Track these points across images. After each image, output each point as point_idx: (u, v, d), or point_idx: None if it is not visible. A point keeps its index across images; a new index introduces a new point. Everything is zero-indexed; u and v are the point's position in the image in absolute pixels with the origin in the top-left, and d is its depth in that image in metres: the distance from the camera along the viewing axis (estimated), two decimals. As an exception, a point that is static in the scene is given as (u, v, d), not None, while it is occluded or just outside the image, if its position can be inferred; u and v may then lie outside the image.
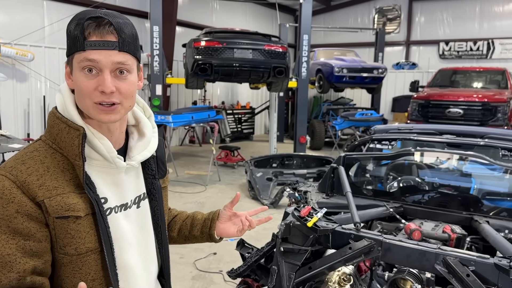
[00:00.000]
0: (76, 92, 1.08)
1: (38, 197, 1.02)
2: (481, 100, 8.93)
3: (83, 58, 1.03)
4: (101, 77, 1.04)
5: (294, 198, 2.88)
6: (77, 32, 1.03)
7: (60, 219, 1.03)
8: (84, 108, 1.08)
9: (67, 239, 1.05)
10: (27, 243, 1.01)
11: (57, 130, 1.08)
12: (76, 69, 1.06)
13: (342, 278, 1.97)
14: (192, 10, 12.97)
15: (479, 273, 1.68)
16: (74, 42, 1.04)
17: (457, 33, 15.18)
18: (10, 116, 8.60)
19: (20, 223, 1.00)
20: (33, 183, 1.02)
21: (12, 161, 1.06)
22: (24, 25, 8.72)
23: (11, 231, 1.00)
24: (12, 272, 0.99)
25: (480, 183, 2.84)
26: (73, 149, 1.05)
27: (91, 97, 1.05)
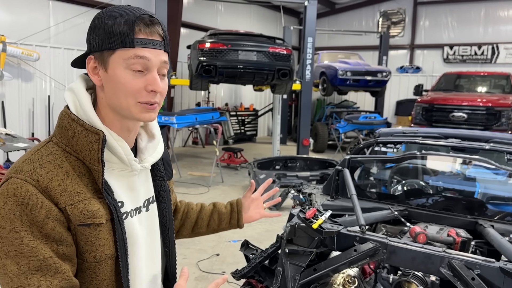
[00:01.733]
0: (113, 90, 1.03)
1: (60, 204, 0.97)
2: (485, 104, 8.92)
3: (132, 55, 1.00)
4: (150, 76, 1.02)
5: (298, 200, 2.88)
6: (124, 28, 0.99)
7: (82, 227, 1.00)
8: (122, 107, 1.04)
9: (87, 246, 1.01)
10: (61, 248, 0.97)
11: (72, 133, 1.02)
12: (119, 66, 1.01)
13: (347, 280, 1.97)
14: (197, 12, 13.01)
15: (484, 277, 1.68)
16: (120, 38, 0.99)
17: (461, 37, 15.16)
18: (15, 115, 8.63)
19: (51, 229, 0.96)
20: (55, 189, 0.97)
21: (28, 164, 0.98)
22: (30, 25, 8.77)
23: (44, 237, 0.95)
24: (59, 273, 0.95)
25: (485, 187, 2.84)
26: (92, 154, 1.01)
27: (136, 96, 1.02)
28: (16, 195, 0.93)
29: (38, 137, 8.65)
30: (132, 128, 1.11)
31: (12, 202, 0.93)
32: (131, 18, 1.00)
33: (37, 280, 0.92)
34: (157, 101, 1.05)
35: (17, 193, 0.94)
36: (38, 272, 0.93)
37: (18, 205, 0.93)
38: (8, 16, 8.55)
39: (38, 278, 0.93)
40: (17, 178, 0.95)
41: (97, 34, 1.02)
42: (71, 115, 1.04)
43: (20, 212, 0.93)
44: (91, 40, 1.04)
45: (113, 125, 1.07)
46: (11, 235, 0.93)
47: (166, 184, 1.26)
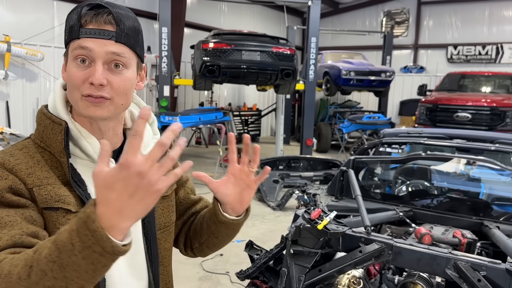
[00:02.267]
0: (67, 85, 1.02)
1: (27, 184, 0.94)
2: (490, 104, 8.88)
3: (76, 45, 0.97)
4: (93, 68, 0.97)
5: (303, 201, 2.88)
6: (74, 20, 0.98)
7: (49, 211, 0.95)
8: (73, 102, 1.01)
9: (54, 232, 0.88)
10: (25, 211, 0.92)
11: (43, 127, 1.03)
12: (69, 59, 1.00)
13: (352, 282, 1.97)
14: (200, 12, 13.02)
15: (490, 279, 1.67)
16: (70, 30, 0.99)
17: (465, 37, 15.11)
18: (19, 115, 8.67)
19: (13, 197, 0.92)
20: (22, 171, 0.95)
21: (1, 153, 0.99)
22: (34, 25, 8.81)
23: (5, 205, 0.92)
24: (14, 230, 0.88)
25: (490, 188, 2.83)
26: (57, 145, 1.00)
27: (80, 89, 0.98)
28: None
29: (42, 136, 8.69)
30: (105, 128, 1.06)
31: None
32: (80, 9, 0.98)
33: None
34: (103, 95, 0.98)
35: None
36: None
37: None
38: (13, 17, 8.59)
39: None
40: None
41: (65, 30, 1.03)
42: (43, 110, 1.05)
43: None
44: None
45: (84, 123, 1.04)
46: None
47: None
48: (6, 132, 5.72)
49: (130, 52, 1.01)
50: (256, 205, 6.84)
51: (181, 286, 1.50)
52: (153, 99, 11.33)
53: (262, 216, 6.28)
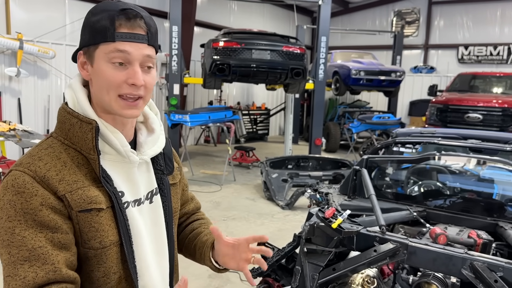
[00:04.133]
0: (98, 84, 1.06)
1: (59, 191, 1.00)
2: (501, 105, 8.79)
3: (113, 48, 1.02)
4: (131, 69, 1.04)
5: (315, 200, 2.88)
6: (106, 22, 1.02)
7: (83, 213, 1.02)
8: (105, 101, 1.06)
9: (92, 232, 1.03)
10: (55, 235, 0.98)
11: (68, 125, 1.06)
12: (101, 60, 1.04)
13: (365, 281, 1.96)
14: (210, 11, 13.04)
15: (507, 279, 1.66)
16: (102, 32, 1.02)
17: (477, 38, 14.96)
18: (30, 112, 8.75)
19: (45, 216, 0.97)
20: (53, 178, 1.00)
21: (27, 157, 1.03)
22: (46, 23, 8.88)
23: (38, 225, 0.97)
24: (47, 264, 0.96)
25: (505, 189, 2.80)
26: (87, 143, 1.04)
27: (118, 89, 1.04)
28: (13, 186, 0.98)
29: (53, 134, 8.76)
30: (126, 121, 1.13)
31: (10, 192, 0.97)
32: (112, 12, 1.02)
33: (24, 271, 0.94)
34: (141, 94, 1.07)
35: (14, 183, 0.98)
36: (26, 262, 0.94)
37: (14, 195, 0.97)
38: (25, 14, 8.66)
39: (25, 268, 0.94)
40: (16, 170, 1.00)
41: (84, 30, 1.07)
42: (67, 109, 1.08)
43: (15, 202, 0.96)
44: (81, 36, 1.08)
45: (107, 118, 1.09)
46: (5, 225, 0.96)
47: (166, 178, 1.26)
48: (18, 129, 5.76)
49: (155, 53, 1.10)
50: (265, 204, 6.84)
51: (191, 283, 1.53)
52: (162, 98, 11.38)
53: (271, 215, 6.28)
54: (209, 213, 6.10)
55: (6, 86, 8.32)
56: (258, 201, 6.98)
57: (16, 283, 0.93)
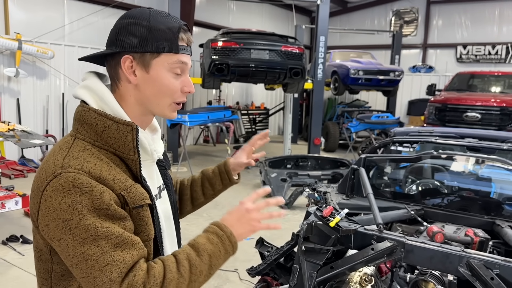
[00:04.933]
0: (152, 90, 1.12)
1: (115, 190, 1.03)
2: (499, 104, 8.82)
3: (176, 60, 1.11)
4: (186, 78, 1.16)
5: (313, 199, 2.89)
6: (170, 35, 1.09)
7: (137, 209, 1.07)
8: (158, 105, 1.15)
9: (142, 226, 1.09)
10: (126, 224, 1.04)
11: (102, 127, 1.07)
12: (162, 69, 1.11)
13: (363, 279, 1.98)
14: (209, 11, 13.06)
15: (503, 277, 1.67)
16: (167, 44, 1.09)
17: (475, 37, 14.99)
18: (29, 112, 8.76)
19: (116, 209, 1.02)
20: (107, 178, 1.03)
21: (72, 159, 1.02)
22: (45, 23, 8.89)
23: (111, 218, 1.01)
24: (135, 244, 1.02)
25: (503, 188, 2.81)
26: (126, 144, 1.08)
27: (174, 97, 1.15)
28: (76, 186, 0.98)
29: (53, 134, 8.76)
30: (148, 123, 1.21)
31: (74, 193, 0.97)
32: (175, 25, 1.11)
33: (120, 255, 0.98)
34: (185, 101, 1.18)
35: (77, 184, 0.98)
36: (118, 248, 0.99)
37: (82, 195, 0.98)
38: (24, 15, 8.67)
39: (119, 253, 0.99)
40: (69, 172, 0.99)
41: (135, 35, 1.08)
42: (98, 111, 1.08)
43: (85, 201, 0.98)
44: (126, 40, 1.09)
45: (135, 120, 1.13)
46: (82, 223, 0.97)
47: (168, 172, 1.35)
48: (17, 129, 5.77)
49: None
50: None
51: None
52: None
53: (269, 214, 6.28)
54: (208, 212, 6.12)
55: (5, 87, 8.33)
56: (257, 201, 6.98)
57: (119, 267, 0.97)
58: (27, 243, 4.70)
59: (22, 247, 4.61)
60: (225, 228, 1.15)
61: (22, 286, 3.83)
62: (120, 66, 1.10)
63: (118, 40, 1.09)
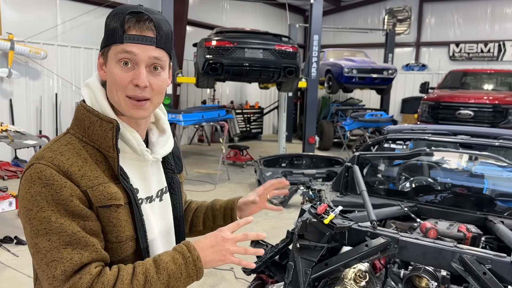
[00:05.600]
0: (109, 84, 1.11)
1: (81, 187, 1.03)
2: (492, 102, 8.89)
3: (120, 49, 1.06)
4: (137, 70, 1.07)
5: (308, 197, 2.90)
6: (116, 24, 1.06)
7: (103, 208, 1.06)
8: (115, 101, 1.11)
9: (109, 227, 1.07)
10: (87, 223, 1.03)
11: (88, 123, 1.09)
12: (111, 61, 1.08)
13: (358, 275, 1.99)
14: (203, 10, 13.03)
15: (495, 272, 1.69)
16: (113, 34, 1.06)
17: (467, 35, 15.08)
18: (22, 112, 8.70)
19: (76, 206, 1.01)
20: (76, 174, 1.03)
21: (48, 152, 1.05)
22: (38, 23, 8.83)
23: (70, 214, 1.01)
24: (88, 246, 1.01)
25: (494, 184, 2.84)
26: (107, 141, 1.08)
27: (125, 90, 1.08)
28: (40, 178, 1.00)
29: (46, 134, 8.71)
30: (140, 122, 1.17)
31: (37, 184, 1.00)
32: (122, 15, 1.06)
33: (68, 253, 0.98)
34: (146, 96, 1.09)
35: (41, 176, 1.00)
36: (69, 246, 0.99)
37: (43, 187, 0.99)
38: (16, 15, 8.60)
39: (69, 251, 0.98)
40: (39, 164, 1.02)
41: (105, 31, 1.10)
42: (87, 107, 1.11)
43: (45, 193, 0.99)
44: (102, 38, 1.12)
45: (123, 118, 1.13)
46: (39, 215, 0.99)
47: (177, 176, 1.33)
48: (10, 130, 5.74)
49: (166, 55, 1.13)
50: (259, 202, 6.86)
51: (186, 281, 1.56)
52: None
53: (265, 213, 6.30)
54: (203, 212, 6.13)
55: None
56: (252, 200, 7.00)
57: (64, 265, 0.97)
58: (21, 244, 4.67)
59: (16, 248, 4.59)
60: (193, 251, 1.08)
61: (17, 287, 3.81)
62: None
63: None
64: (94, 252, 1.01)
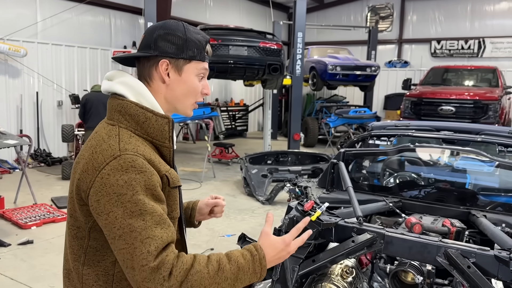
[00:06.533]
0: (181, 90, 1.30)
1: (161, 171, 1.19)
2: (473, 98, 9.05)
3: (203, 67, 1.31)
4: (205, 82, 1.34)
5: (294, 194, 2.91)
6: (200, 46, 1.30)
7: (174, 189, 1.24)
8: (183, 104, 1.33)
9: (175, 204, 1.26)
10: (164, 207, 1.19)
11: (143, 118, 1.23)
12: (191, 73, 1.30)
13: (344, 271, 2.01)
14: (186, 7, 12.94)
15: (479, 265, 1.72)
16: (198, 53, 1.29)
17: (448, 32, 15.31)
18: (2, 112, 8.53)
19: (159, 191, 1.17)
20: (155, 160, 1.19)
21: (127, 144, 1.17)
22: (17, 20, 8.64)
23: (156, 198, 1.16)
24: (171, 227, 1.17)
25: (477, 179, 2.89)
26: (164, 134, 1.24)
27: (196, 97, 1.33)
28: (134, 166, 1.13)
29: (27, 133, 8.55)
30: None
31: (131, 172, 1.13)
32: (204, 39, 1.31)
33: (159, 232, 1.13)
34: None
35: (134, 164, 1.13)
36: (159, 225, 1.13)
37: (137, 174, 1.13)
38: (-6, 12, 8.42)
39: (159, 230, 1.13)
40: (127, 154, 1.15)
41: (173, 43, 1.27)
42: (139, 104, 1.25)
43: (139, 179, 1.13)
44: (164, 47, 1.26)
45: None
46: (134, 198, 1.11)
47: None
48: (-10, 130, 5.62)
49: None
50: (245, 199, 6.87)
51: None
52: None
53: (251, 210, 6.31)
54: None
55: (-24, 86, 8.08)
56: (238, 197, 7.00)
57: (157, 242, 1.11)
58: (3, 246, 4.59)
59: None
60: (260, 250, 1.25)
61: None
62: (155, 68, 1.27)
63: (156, 46, 1.26)
64: (172, 232, 1.17)
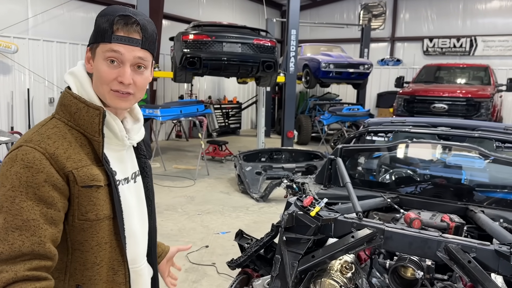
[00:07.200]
0: (95, 78, 1.21)
1: (66, 168, 1.12)
2: (465, 95, 9.11)
3: (108, 48, 1.17)
4: (122, 69, 1.18)
5: (291, 190, 2.90)
6: (106, 25, 1.17)
7: (85, 188, 1.15)
8: (100, 93, 1.22)
9: (90, 206, 1.17)
10: (49, 211, 1.10)
11: (75, 109, 1.18)
12: (99, 57, 1.19)
13: (344, 267, 2.00)
14: (179, 4, 12.86)
15: (480, 260, 1.72)
16: (102, 34, 1.17)
17: (441, 30, 15.39)
18: (-7, 109, 8.42)
19: (46, 192, 1.09)
20: (61, 156, 1.12)
21: (36, 135, 1.13)
22: (8, 16, 8.52)
23: (37, 199, 1.08)
24: (35, 236, 1.07)
25: (475, 175, 2.90)
26: (93, 127, 1.18)
27: (110, 85, 1.19)
28: (23, 160, 1.09)
29: (18, 130, 8.45)
30: (119, 111, 1.28)
31: (18, 165, 1.08)
32: (112, 16, 1.17)
33: (13, 238, 1.05)
34: (130, 92, 1.21)
35: (24, 158, 1.09)
36: (17, 230, 1.05)
37: (22, 168, 1.08)
38: (-16, 7, 8.29)
39: (15, 236, 1.05)
40: (27, 146, 1.11)
41: (94, 28, 1.21)
42: (73, 94, 1.21)
43: (21, 174, 1.07)
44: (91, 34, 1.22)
45: (106, 108, 1.23)
46: (8, 193, 1.07)
47: (148, 161, 1.47)
48: (-20, 126, 5.54)
49: (150, 56, 1.24)
50: (239, 197, 6.85)
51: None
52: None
53: (245, 207, 6.29)
54: (183, 207, 6.06)
55: (-35, 82, 7.96)
56: (232, 195, 6.98)
57: (4, 247, 1.04)
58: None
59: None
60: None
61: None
62: None
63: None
64: (36, 244, 1.06)
